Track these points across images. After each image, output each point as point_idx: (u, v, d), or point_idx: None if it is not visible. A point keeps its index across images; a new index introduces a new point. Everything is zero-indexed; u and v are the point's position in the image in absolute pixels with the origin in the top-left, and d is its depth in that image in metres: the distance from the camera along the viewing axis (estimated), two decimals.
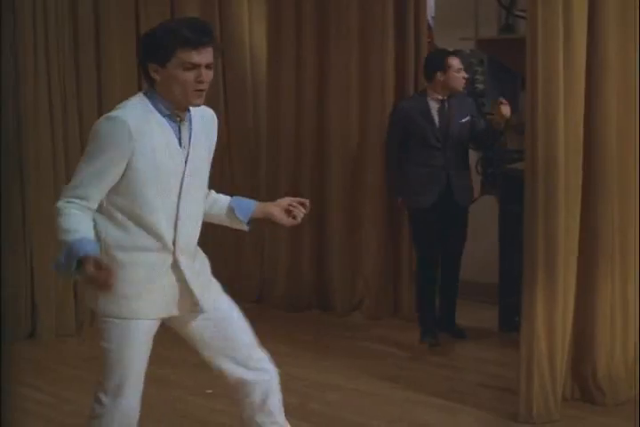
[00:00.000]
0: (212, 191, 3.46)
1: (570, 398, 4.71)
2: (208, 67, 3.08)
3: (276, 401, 3.45)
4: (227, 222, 3.47)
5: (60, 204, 3.13)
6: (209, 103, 6.35)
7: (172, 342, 3.45)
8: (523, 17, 6.16)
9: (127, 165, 3.06)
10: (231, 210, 3.40)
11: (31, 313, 6.28)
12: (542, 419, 4.49)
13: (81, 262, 2.99)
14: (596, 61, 4.48)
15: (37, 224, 6.19)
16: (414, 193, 5.88)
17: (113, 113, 3.12)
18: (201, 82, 3.06)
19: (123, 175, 3.08)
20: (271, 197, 6.86)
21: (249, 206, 3.42)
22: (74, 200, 3.12)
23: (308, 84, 6.83)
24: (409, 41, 6.42)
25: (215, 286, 3.40)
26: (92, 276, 2.96)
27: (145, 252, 3.15)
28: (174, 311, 3.25)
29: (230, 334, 3.33)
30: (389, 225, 6.57)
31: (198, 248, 3.36)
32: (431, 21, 7.14)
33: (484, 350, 5.85)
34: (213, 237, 6.49)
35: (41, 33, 6.11)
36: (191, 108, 3.20)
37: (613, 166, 4.54)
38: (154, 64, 3.06)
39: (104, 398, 3.24)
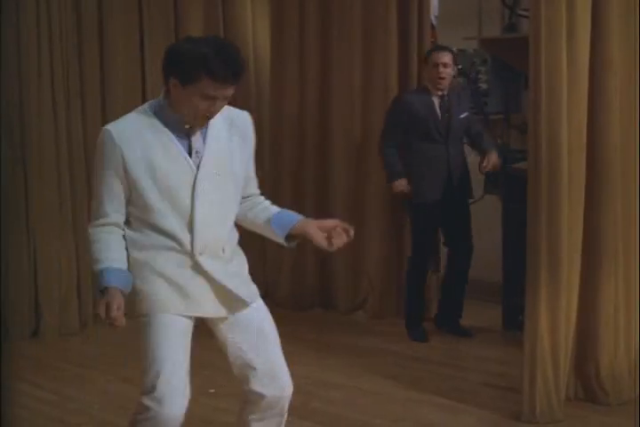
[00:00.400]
0: (267, 202, 3.43)
1: (573, 397, 4.71)
2: (225, 97, 3.05)
3: (274, 417, 3.42)
4: (267, 234, 3.41)
5: (90, 230, 3.18)
6: None
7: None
8: (526, 16, 6.17)
9: (126, 174, 3.07)
10: (268, 222, 3.35)
11: (35, 312, 6.29)
12: (545, 418, 4.48)
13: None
14: (599, 60, 4.47)
15: (41, 223, 6.20)
16: (418, 187, 5.88)
17: (106, 125, 3.13)
18: (212, 112, 3.05)
19: (128, 185, 3.10)
20: (274, 196, 6.90)
21: (290, 221, 3.34)
22: (99, 222, 3.16)
23: (311, 84, 6.83)
24: (412, 40, 6.42)
25: (250, 290, 3.38)
26: (102, 314, 3.03)
27: (161, 250, 3.15)
28: (210, 312, 3.24)
29: (259, 345, 3.31)
30: (393, 224, 6.57)
31: (237, 250, 3.36)
32: (434, 21, 7.13)
33: (488, 349, 5.85)
34: None
35: (44, 31, 6.12)
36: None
37: (617, 166, 4.54)
38: (175, 80, 3.02)
39: (144, 400, 3.16)
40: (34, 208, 6.20)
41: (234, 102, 7.55)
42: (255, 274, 7.45)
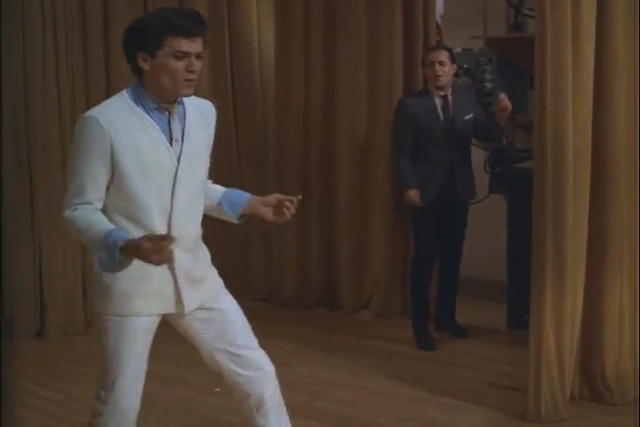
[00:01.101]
0: (209, 181, 3.40)
1: (578, 397, 4.71)
2: (198, 56, 3.02)
3: (271, 403, 3.40)
4: (216, 214, 3.40)
5: (66, 214, 3.09)
6: (217, 102, 6.32)
7: (180, 340, 3.45)
8: (531, 16, 6.16)
9: (112, 163, 3.01)
10: (220, 205, 3.35)
11: (40, 311, 6.30)
12: (550, 418, 4.48)
13: (123, 250, 2.92)
14: (604, 60, 4.47)
15: (46, 223, 6.21)
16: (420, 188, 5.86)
17: (87, 112, 3.04)
18: (192, 71, 3.00)
19: (112, 174, 3.03)
20: None
21: (240, 202, 3.34)
22: (77, 207, 3.08)
23: (316, 84, 6.83)
24: (418, 40, 6.41)
25: (214, 284, 3.35)
26: (149, 249, 2.85)
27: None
28: (171, 308, 3.22)
29: (228, 333, 3.30)
30: (398, 224, 6.57)
31: (201, 244, 3.32)
32: (439, 20, 7.13)
33: (492, 349, 5.85)
34: (222, 236, 6.50)
35: (50, 31, 6.13)
36: (186, 100, 3.16)
37: (622, 165, 4.54)
38: (143, 53, 3.01)
39: (102, 395, 3.24)
40: (39, 207, 6.20)
41: (238, 100, 7.51)
42: (260, 274, 7.52)
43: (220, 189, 3.40)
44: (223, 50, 7.02)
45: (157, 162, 3.06)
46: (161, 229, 3.09)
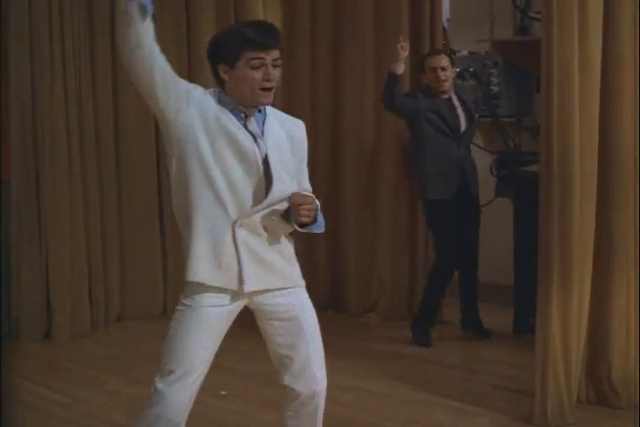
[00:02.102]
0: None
1: (585, 400, 4.70)
2: (275, 65, 3.15)
3: (309, 414, 3.45)
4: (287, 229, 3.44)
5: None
6: None
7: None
8: (538, 19, 6.16)
9: (189, 130, 3.10)
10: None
11: (46, 314, 6.30)
12: (557, 421, 4.48)
13: None
14: (611, 63, 4.47)
15: (53, 225, 6.22)
16: (432, 184, 5.88)
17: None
18: (268, 80, 3.14)
19: (192, 142, 3.11)
20: None
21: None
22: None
23: (322, 86, 6.84)
24: (424, 43, 6.42)
25: (292, 279, 3.45)
26: None
27: (213, 218, 3.16)
28: (230, 285, 3.23)
29: (291, 337, 3.34)
30: (405, 226, 6.57)
31: (281, 237, 3.39)
32: (446, 23, 7.13)
33: (499, 352, 5.85)
34: None
35: (56, 32, 6.14)
36: (270, 112, 3.27)
37: (629, 168, 4.53)
38: (223, 65, 3.16)
39: (158, 384, 3.23)
40: (46, 210, 6.21)
41: None
42: None
43: None
44: None
45: (240, 143, 3.14)
46: (230, 206, 3.16)
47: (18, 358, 5.75)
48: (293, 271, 3.46)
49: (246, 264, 3.22)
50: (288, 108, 7.00)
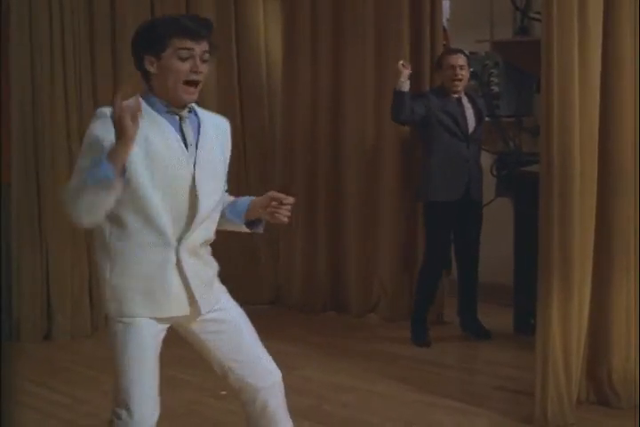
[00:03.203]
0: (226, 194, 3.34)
1: (585, 400, 4.70)
2: (203, 59, 3.00)
3: (276, 408, 3.39)
4: (226, 226, 3.33)
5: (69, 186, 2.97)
6: (225, 105, 6.36)
7: (186, 342, 3.45)
8: (538, 19, 6.17)
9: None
10: (224, 212, 3.28)
11: (47, 315, 6.31)
12: (557, 422, 4.47)
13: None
14: (611, 63, 4.47)
15: (53, 224, 6.22)
16: (436, 185, 5.87)
17: (100, 108, 2.98)
18: (195, 72, 2.97)
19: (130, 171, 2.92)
20: None
21: (242, 207, 3.26)
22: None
23: (323, 87, 6.84)
24: (424, 44, 6.42)
25: (220, 289, 3.32)
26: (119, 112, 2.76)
27: (147, 248, 3.04)
28: (180, 312, 3.15)
29: (235, 342, 3.28)
30: (405, 227, 6.57)
31: (209, 250, 3.27)
32: (446, 24, 7.14)
33: (499, 353, 5.84)
34: (229, 240, 6.50)
35: (57, 32, 6.14)
36: (200, 113, 3.13)
37: (629, 167, 4.53)
38: (149, 55, 2.99)
39: (117, 410, 3.15)
40: (46, 211, 6.22)
41: (246, 104, 7.51)
42: (267, 278, 7.52)
43: (227, 200, 3.32)
44: (230, 52, 7.02)
45: (171, 163, 3.01)
46: (171, 233, 3.04)
47: (18, 359, 5.75)
48: (217, 281, 3.34)
49: (196, 289, 3.14)
50: (288, 109, 7.03)
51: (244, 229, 3.32)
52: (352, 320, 6.74)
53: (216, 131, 3.18)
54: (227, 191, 3.32)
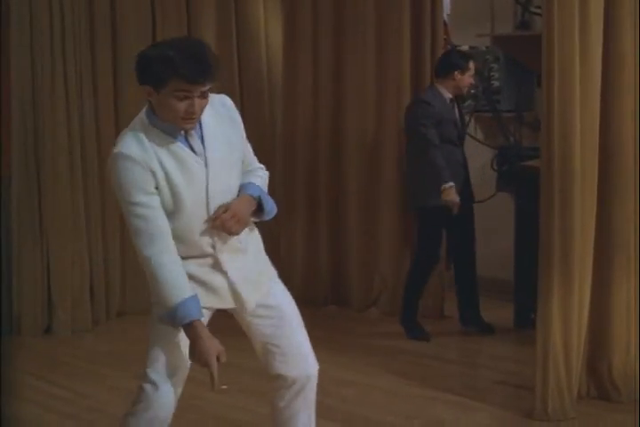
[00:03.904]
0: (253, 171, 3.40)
1: (585, 395, 4.71)
2: (203, 96, 3.01)
3: (304, 400, 3.45)
4: None
5: (147, 254, 3.07)
6: None
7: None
8: (539, 14, 6.15)
9: (159, 188, 3.05)
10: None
11: (47, 309, 6.31)
12: (558, 416, 4.48)
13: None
14: (612, 58, 4.47)
15: (54, 221, 6.23)
16: (432, 190, 5.82)
17: (116, 150, 3.04)
18: (192, 113, 3.00)
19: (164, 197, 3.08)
20: (287, 196, 6.93)
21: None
22: (155, 246, 3.08)
23: (324, 83, 6.83)
24: (425, 38, 6.40)
25: (271, 276, 3.44)
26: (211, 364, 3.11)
27: (191, 259, 3.16)
28: (229, 304, 3.28)
29: (279, 325, 3.36)
30: (406, 222, 6.57)
31: (252, 236, 3.35)
32: (447, 18, 7.13)
33: (500, 347, 5.85)
34: None
35: (57, 32, 6.13)
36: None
37: (630, 163, 4.53)
38: (148, 87, 3.01)
39: (144, 385, 3.25)
40: (47, 205, 6.22)
41: (246, 101, 7.51)
42: None
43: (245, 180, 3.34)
44: (231, 53, 7.00)
45: (189, 178, 3.08)
46: (205, 242, 3.15)
47: (19, 353, 5.76)
48: (268, 267, 3.46)
49: (241, 288, 3.26)
50: (289, 106, 7.02)
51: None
52: (353, 315, 6.74)
53: (217, 117, 3.20)
54: (258, 167, 3.42)
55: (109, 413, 4.75)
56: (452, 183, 5.69)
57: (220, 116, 3.21)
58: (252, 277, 3.31)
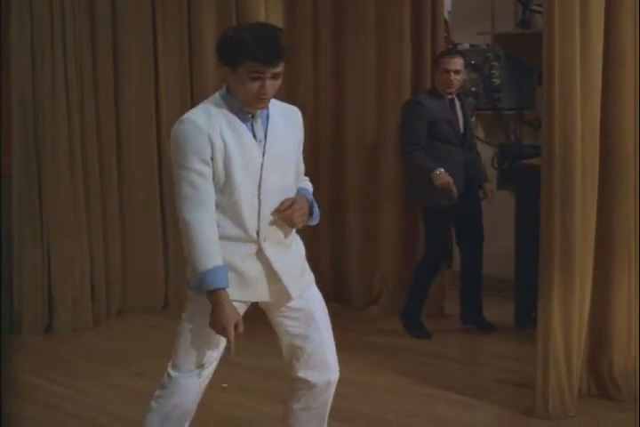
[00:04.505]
0: (305, 178, 3.55)
1: (586, 393, 4.71)
2: (275, 77, 3.16)
3: (319, 407, 3.52)
4: None
5: (188, 218, 3.16)
6: None
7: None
8: (540, 12, 6.16)
9: (215, 160, 3.15)
10: None
11: (48, 307, 6.31)
12: (558, 414, 4.48)
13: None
14: (613, 56, 4.47)
15: (54, 219, 6.22)
16: (435, 193, 5.79)
17: (183, 116, 3.21)
18: (264, 93, 3.15)
19: (218, 170, 3.17)
20: None
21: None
22: (196, 211, 3.16)
23: (324, 82, 6.84)
24: (426, 36, 6.41)
25: (307, 278, 3.45)
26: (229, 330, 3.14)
27: (230, 240, 3.20)
28: (265, 298, 3.32)
29: (307, 328, 3.39)
30: (407, 220, 6.57)
31: (296, 238, 3.43)
32: (447, 16, 7.13)
33: (501, 346, 5.85)
34: None
35: (58, 30, 6.13)
36: (272, 105, 3.31)
37: (630, 161, 4.53)
38: (225, 67, 3.16)
39: (169, 370, 3.30)
40: (47, 203, 6.22)
41: None
42: None
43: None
44: None
45: (245, 160, 3.19)
46: (251, 224, 3.22)
47: (19, 351, 5.76)
48: (307, 271, 3.50)
49: (284, 275, 3.30)
50: (289, 103, 7.01)
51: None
52: (353, 313, 6.74)
53: (285, 119, 3.36)
54: (304, 175, 3.55)
55: (110, 411, 4.76)
56: (440, 169, 5.68)
57: (288, 120, 3.37)
58: (293, 271, 3.36)
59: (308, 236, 6.83)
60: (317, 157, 6.90)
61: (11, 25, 6.07)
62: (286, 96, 6.93)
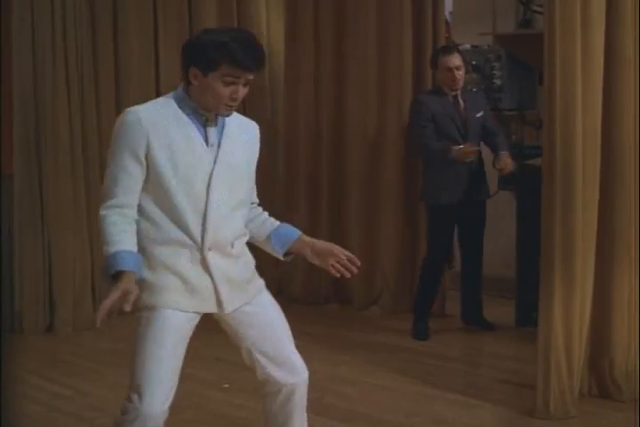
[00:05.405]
0: (265, 214, 3.44)
1: (587, 393, 4.70)
2: (246, 84, 3.10)
3: (296, 405, 3.44)
4: (262, 246, 3.44)
5: (102, 212, 3.10)
6: None
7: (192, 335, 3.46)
8: (541, 12, 6.15)
9: (147, 158, 3.06)
10: (269, 239, 3.39)
11: (49, 307, 6.31)
12: (559, 415, 4.48)
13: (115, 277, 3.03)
14: (614, 56, 4.46)
15: (55, 218, 6.23)
16: (438, 189, 5.84)
17: (129, 108, 3.13)
18: (234, 99, 3.09)
19: (148, 170, 3.08)
20: (289, 195, 6.93)
21: (288, 240, 3.40)
22: (112, 203, 3.10)
23: (326, 81, 6.84)
24: (427, 36, 6.41)
25: (257, 285, 3.41)
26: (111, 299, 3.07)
27: (173, 245, 3.13)
28: (211, 308, 3.23)
29: (264, 333, 3.33)
30: (408, 220, 6.57)
31: (244, 251, 3.34)
32: (449, 16, 7.13)
33: (501, 346, 5.85)
34: None
35: (59, 26, 6.13)
36: (229, 116, 3.23)
37: (631, 162, 4.53)
38: (195, 69, 3.07)
39: (130, 393, 3.23)
40: (49, 203, 6.22)
41: (248, 98, 7.53)
42: (269, 270, 7.53)
43: (272, 223, 3.41)
44: None
45: (192, 163, 3.11)
46: (196, 231, 3.13)
47: (20, 351, 5.76)
48: (256, 278, 3.43)
49: (222, 289, 3.22)
50: (291, 104, 7.02)
51: (279, 257, 3.45)
52: (354, 313, 6.74)
53: (242, 133, 3.28)
54: (258, 204, 3.44)
55: (111, 411, 4.73)
56: (455, 147, 5.67)
57: (245, 132, 3.30)
58: (236, 282, 3.27)
59: (307, 234, 6.90)
60: (318, 156, 6.90)
61: (12, 23, 6.07)
62: (286, 96, 7.03)
